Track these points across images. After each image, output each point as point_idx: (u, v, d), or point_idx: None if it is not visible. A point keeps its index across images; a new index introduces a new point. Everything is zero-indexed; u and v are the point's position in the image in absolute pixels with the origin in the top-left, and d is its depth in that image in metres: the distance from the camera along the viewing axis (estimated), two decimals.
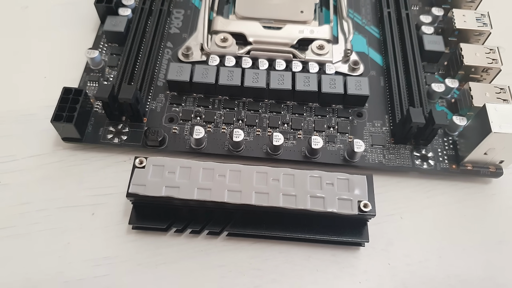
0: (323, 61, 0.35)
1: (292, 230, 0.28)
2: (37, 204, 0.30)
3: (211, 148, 0.31)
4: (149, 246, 0.28)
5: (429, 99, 0.34)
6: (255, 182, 0.27)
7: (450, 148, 0.32)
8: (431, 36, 0.36)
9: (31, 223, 0.29)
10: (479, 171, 0.31)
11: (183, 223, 0.28)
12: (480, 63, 0.33)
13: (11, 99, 0.34)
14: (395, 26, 0.37)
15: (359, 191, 0.27)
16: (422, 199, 0.31)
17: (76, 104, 0.30)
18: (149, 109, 0.33)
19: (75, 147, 0.32)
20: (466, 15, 0.36)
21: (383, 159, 0.31)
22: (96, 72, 0.35)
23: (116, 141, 0.31)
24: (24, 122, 0.33)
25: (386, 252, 0.29)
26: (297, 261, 0.28)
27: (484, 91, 0.32)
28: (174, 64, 0.33)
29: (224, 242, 0.29)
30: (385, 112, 0.34)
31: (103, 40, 0.36)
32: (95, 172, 0.31)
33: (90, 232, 0.29)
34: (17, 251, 0.28)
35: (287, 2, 0.38)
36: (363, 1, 0.41)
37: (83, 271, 0.27)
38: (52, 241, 0.28)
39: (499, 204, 0.31)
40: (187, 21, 0.38)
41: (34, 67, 0.36)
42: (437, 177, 0.32)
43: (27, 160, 0.32)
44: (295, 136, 0.32)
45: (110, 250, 0.28)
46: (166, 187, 0.26)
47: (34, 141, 0.32)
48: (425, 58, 0.36)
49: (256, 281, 0.28)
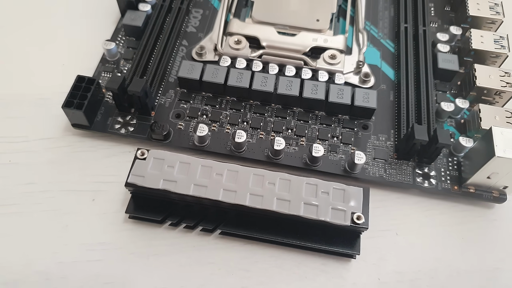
0: (333, 70, 0.35)
1: (285, 235, 0.28)
2: (41, 185, 0.31)
3: (214, 147, 0.32)
4: (144, 237, 0.29)
5: (438, 117, 0.34)
6: (251, 184, 0.27)
7: (453, 169, 0.31)
8: (446, 54, 0.36)
9: (34, 203, 0.30)
10: (482, 194, 0.30)
11: (178, 218, 0.28)
12: (493, 85, 0.33)
13: (30, 83, 0.36)
14: (410, 42, 0.37)
15: (354, 203, 0.27)
16: (420, 217, 0.31)
17: (88, 93, 0.31)
18: (158, 103, 0.34)
19: (84, 134, 0.33)
20: (484, 36, 0.35)
21: (384, 173, 0.31)
22: (111, 64, 0.36)
23: (123, 131, 0.32)
24: (39, 105, 0.35)
25: (377, 266, 0.29)
26: (286, 266, 0.28)
27: (494, 114, 0.31)
28: (186, 62, 0.34)
29: (217, 240, 0.29)
30: (392, 127, 0.33)
31: (121, 33, 0.38)
32: (100, 160, 0.32)
33: (89, 217, 0.30)
34: (18, 228, 0.29)
35: (304, 10, 0.38)
36: (381, 15, 0.41)
37: (78, 254, 0.28)
38: (52, 222, 0.29)
39: (499, 230, 0.30)
40: (205, 21, 0.39)
41: (54, 54, 0.37)
42: (438, 197, 0.31)
43: (38, 142, 0.33)
44: (297, 143, 0.32)
45: (106, 236, 0.29)
46: (163, 180, 0.27)
47: (46, 125, 0.34)
48: (438, 76, 0.36)
49: (244, 281, 0.28)
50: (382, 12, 0.41)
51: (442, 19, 0.40)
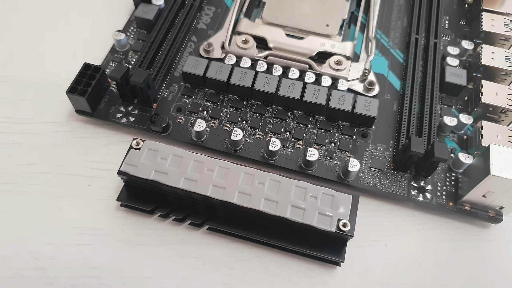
0: (338, 76, 0.35)
1: (271, 237, 0.28)
2: (41, 167, 0.32)
3: (211, 143, 0.32)
4: (133, 226, 0.29)
5: (440, 132, 0.33)
6: (241, 182, 0.27)
7: (451, 185, 0.31)
8: (455, 68, 0.35)
9: (32, 183, 0.31)
10: (477, 213, 0.30)
11: (168, 209, 0.29)
12: (499, 103, 0.32)
13: (41, 67, 0.37)
14: (420, 53, 0.36)
15: (342, 210, 0.26)
16: (412, 231, 0.30)
17: (92, 80, 0.32)
18: (161, 96, 0.34)
19: (87, 121, 0.34)
20: (496, 52, 0.35)
21: (379, 183, 0.31)
22: (120, 54, 0.36)
23: (124, 121, 0.33)
24: (47, 90, 0.36)
25: (362, 276, 0.28)
26: (271, 267, 0.28)
27: (497, 132, 0.31)
28: (192, 57, 0.34)
29: (204, 236, 0.29)
30: (392, 137, 0.33)
31: (133, 25, 0.38)
32: (99, 147, 0.33)
33: (83, 201, 0.30)
34: (13, 206, 0.30)
35: (315, 14, 0.38)
36: (394, 24, 0.40)
37: (68, 237, 0.29)
38: (47, 204, 0.30)
39: (492, 251, 0.30)
40: (216, 19, 0.39)
41: (67, 41, 0.38)
42: (432, 212, 0.31)
43: (42, 125, 0.34)
44: (294, 145, 0.32)
45: (97, 222, 0.30)
46: (155, 172, 0.27)
47: (52, 109, 0.34)
48: (444, 90, 0.35)
49: (226, 278, 0.28)
50: (395, 21, 0.40)
51: (456, 32, 0.40)
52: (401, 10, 0.41)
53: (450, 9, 0.41)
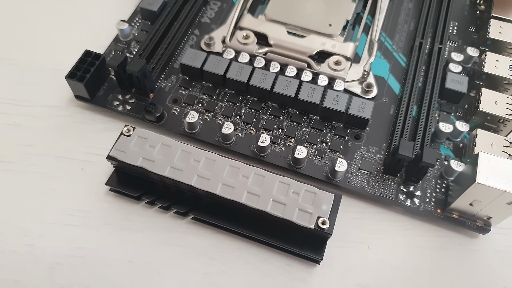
0: (336, 76, 0.35)
1: (253, 230, 0.28)
2: (38, 148, 0.33)
3: (203, 136, 0.32)
4: (121, 211, 0.30)
5: (436, 138, 0.33)
6: (226, 175, 0.27)
7: (441, 192, 0.30)
8: (456, 75, 0.34)
9: (28, 164, 0.32)
10: (465, 222, 0.29)
11: (154, 197, 0.29)
12: (498, 112, 0.31)
13: (47, 53, 0.38)
14: (423, 58, 0.36)
15: (323, 208, 0.26)
16: (397, 236, 0.30)
17: (92, 67, 0.32)
18: (158, 86, 0.35)
19: (86, 107, 0.35)
20: (500, 61, 0.34)
21: (366, 185, 0.30)
22: (123, 44, 0.37)
23: (120, 109, 0.33)
24: (52, 75, 0.37)
25: (342, 276, 0.28)
26: (251, 260, 0.29)
27: (491, 141, 0.30)
28: (191, 50, 0.35)
29: (189, 225, 0.30)
30: (385, 140, 0.33)
31: (139, 16, 0.39)
32: (95, 133, 0.34)
33: (75, 184, 0.31)
34: (8, 185, 0.31)
35: (319, 13, 0.38)
36: (400, 28, 0.40)
37: (58, 217, 0.30)
38: (41, 184, 0.31)
39: (478, 262, 0.29)
40: (221, 14, 0.40)
41: (74, 28, 0.40)
42: (420, 218, 0.30)
43: (43, 108, 0.35)
44: (285, 143, 0.32)
45: (86, 204, 0.30)
46: (142, 159, 0.28)
47: (54, 94, 0.35)
48: (445, 96, 0.35)
49: (206, 268, 0.28)
50: (401, 25, 0.40)
51: (464, 39, 0.39)
52: (409, 14, 0.41)
53: (460, 15, 0.41)
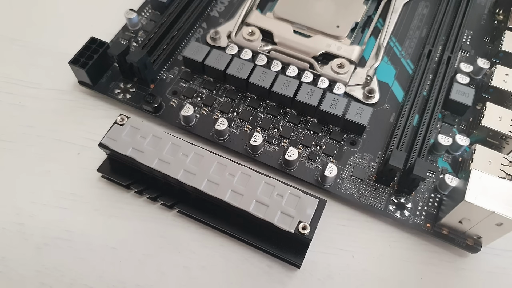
0: (337, 79, 0.34)
1: (237, 229, 0.28)
2: (38, 130, 0.34)
3: (198, 130, 0.32)
4: (111, 198, 0.31)
5: (435, 150, 0.32)
6: (212, 171, 0.27)
7: (433, 206, 0.30)
8: (463, 86, 0.33)
9: (27, 145, 0.33)
10: (454, 239, 0.28)
11: (142, 187, 0.30)
12: (500, 128, 0.30)
13: (58, 37, 0.39)
14: (430, 65, 0.35)
15: (306, 212, 0.26)
16: (384, 247, 0.29)
17: (95, 54, 0.33)
18: (160, 77, 0.35)
19: (89, 93, 0.35)
20: (510, 75, 0.33)
21: (357, 193, 0.30)
22: (131, 33, 0.37)
23: (121, 97, 0.34)
24: (60, 59, 0.37)
25: (321, 283, 0.28)
26: (232, 258, 0.29)
27: (490, 158, 0.29)
28: (194, 43, 0.35)
29: (175, 218, 0.30)
30: (381, 148, 0.32)
31: (149, 6, 0.39)
32: (95, 119, 0.34)
33: (70, 168, 0.32)
34: (6, 163, 0.32)
35: (328, 14, 0.37)
36: (411, 33, 0.39)
37: (50, 199, 0.31)
38: (37, 165, 0.32)
39: (464, 282, 0.28)
40: (230, 8, 0.40)
41: (86, 15, 0.40)
42: (409, 231, 0.30)
43: (48, 91, 0.36)
44: (279, 143, 0.32)
45: (78, 189, 0.31)
46: (132, 149, 0.28)
47: (60, 78, 0.36)
48: (449, 107, 0.33)
49: (187, 261, 0.28)
50: (413, 30, 0.39)
51: (477, 49, 0.37)
52: (423, 20, 0.40)
53: (476, 24, 0.39)
